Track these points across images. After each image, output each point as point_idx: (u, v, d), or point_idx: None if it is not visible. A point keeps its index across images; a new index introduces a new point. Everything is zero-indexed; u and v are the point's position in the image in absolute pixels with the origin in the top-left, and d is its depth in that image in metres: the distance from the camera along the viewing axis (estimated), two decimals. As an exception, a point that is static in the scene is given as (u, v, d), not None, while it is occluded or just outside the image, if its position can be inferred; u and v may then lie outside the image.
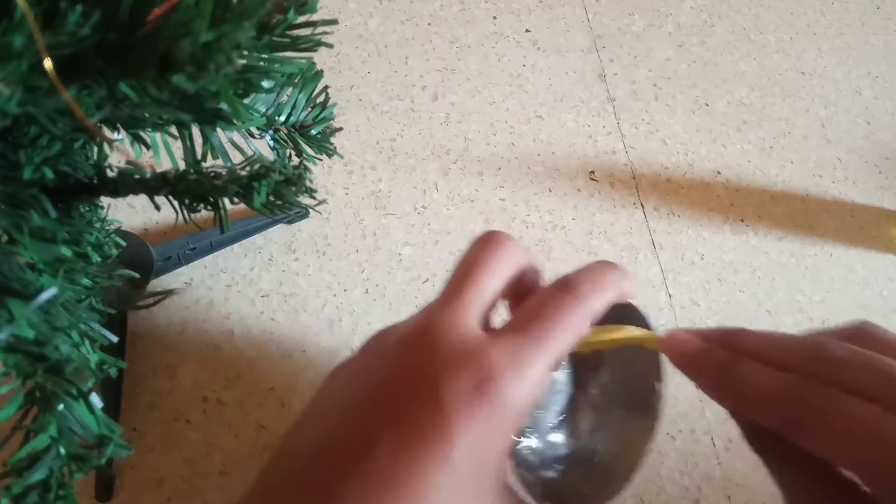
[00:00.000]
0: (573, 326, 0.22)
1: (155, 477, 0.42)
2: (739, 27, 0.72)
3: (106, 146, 0.27)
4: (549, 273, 0.55)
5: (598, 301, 0.23)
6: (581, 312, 0.22)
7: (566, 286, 0.23)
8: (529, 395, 0.20)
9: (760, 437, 0.22)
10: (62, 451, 0.21)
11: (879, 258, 0.60)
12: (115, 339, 0.26)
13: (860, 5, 0.76)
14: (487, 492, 0.21)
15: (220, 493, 0.42)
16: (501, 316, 0.24)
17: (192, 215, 0.26)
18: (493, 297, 0.23)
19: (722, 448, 0.49)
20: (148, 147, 0.25)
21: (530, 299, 0.23)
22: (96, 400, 0.22)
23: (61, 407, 0.21)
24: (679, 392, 0.50)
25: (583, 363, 0.30)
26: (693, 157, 0.62)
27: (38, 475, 0.20)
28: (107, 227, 0.31)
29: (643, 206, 0.59)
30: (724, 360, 0.21)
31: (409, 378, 0.20)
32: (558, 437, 0.29)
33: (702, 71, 0.68)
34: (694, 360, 0.22)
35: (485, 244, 0.24)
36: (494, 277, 0.23)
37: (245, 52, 0.18)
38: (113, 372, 0.26)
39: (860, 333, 0.22)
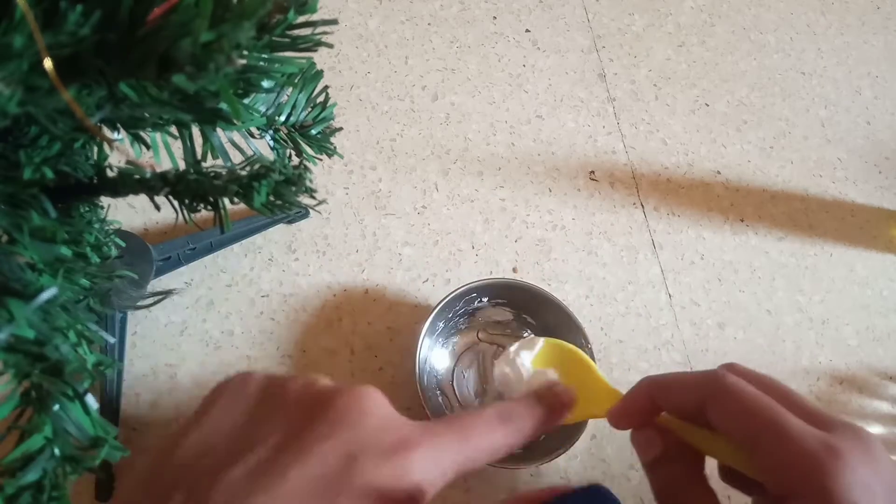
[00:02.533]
0: (492, 451, 0.24)
1: (155, 477, 0.42)
2: (739, 27, 0.72)
3: (106, 146, 0.27)
4: (549, 272, 0.55)
5: (518, 440, 0.25)
6: (502, 446, 0.25)
7: (504, 417, 0.25)
8: (435, 478, 0.22)
9: (731, 477, 0.29)
10: (56, 451, 0.20)
11: (879, 258, 0.60)
12: (112, 339, 0.26)
13: (860, 5, 0.76)
14: None
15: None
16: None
17: (192, 215, 0.26)
18: None
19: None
20: (148, 147, 0.25)
21: (470, 413, 0.25)
22: (92, 401, 0.22)
23: (57, 408, 0.21)
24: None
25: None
26: (693, 157, 0.62)
27: (31, 476, 0.20)
28: (107, 228, 0.31)
29: (643, 206, 0.59)
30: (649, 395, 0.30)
31: (334, 428, 0.21)
32: None
33: (702, 71, 0.68)
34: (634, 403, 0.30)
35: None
36: None
37: (245, 52, 0.18)
38: (110, 373, 0.26)
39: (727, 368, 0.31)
